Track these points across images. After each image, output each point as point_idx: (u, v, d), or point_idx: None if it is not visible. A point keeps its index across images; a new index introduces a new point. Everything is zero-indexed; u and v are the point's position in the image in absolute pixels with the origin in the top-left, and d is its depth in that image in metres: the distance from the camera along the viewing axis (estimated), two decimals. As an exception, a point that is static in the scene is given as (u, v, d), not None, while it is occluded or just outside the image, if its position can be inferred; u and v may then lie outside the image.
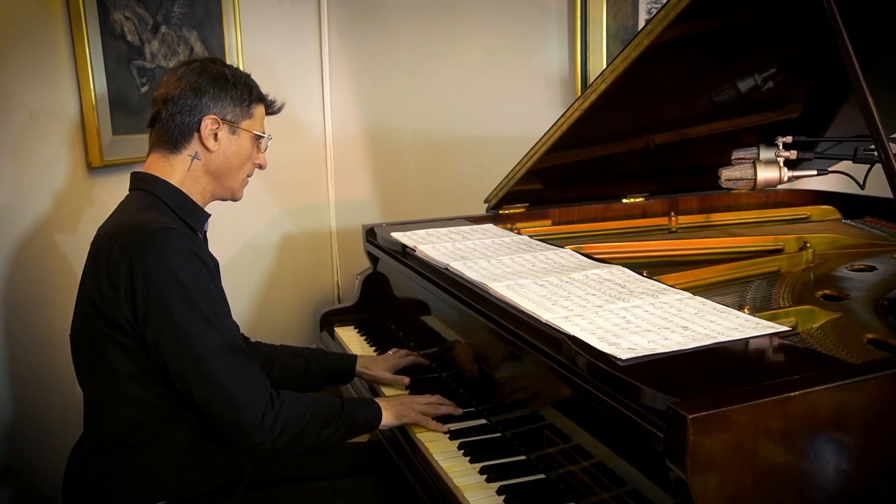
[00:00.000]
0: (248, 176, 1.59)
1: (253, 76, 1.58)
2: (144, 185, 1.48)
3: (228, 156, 1.51)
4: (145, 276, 1.31)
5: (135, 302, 1.32)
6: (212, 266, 1.43)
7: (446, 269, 1.68)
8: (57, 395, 1.97)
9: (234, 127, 1.51)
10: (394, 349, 1.93)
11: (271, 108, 1.61)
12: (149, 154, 1.52)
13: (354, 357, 1.87)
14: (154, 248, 1.32)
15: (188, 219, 1.48)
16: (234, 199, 1.60)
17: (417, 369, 1.86)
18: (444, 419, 1.57)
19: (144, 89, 2.32)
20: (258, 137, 1.56)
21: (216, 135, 1.49)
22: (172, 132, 1.47)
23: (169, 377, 1.37)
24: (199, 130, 1.47)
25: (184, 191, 1.49)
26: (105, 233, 1.40)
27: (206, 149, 1.49)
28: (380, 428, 1.55)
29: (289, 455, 1.75)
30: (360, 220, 2.45)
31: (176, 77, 1.49)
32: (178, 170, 1.49)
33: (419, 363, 1.88)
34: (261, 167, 1.60)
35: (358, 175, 3.46)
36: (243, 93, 1.52)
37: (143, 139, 2.30)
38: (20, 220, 1.89)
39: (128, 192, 1.52)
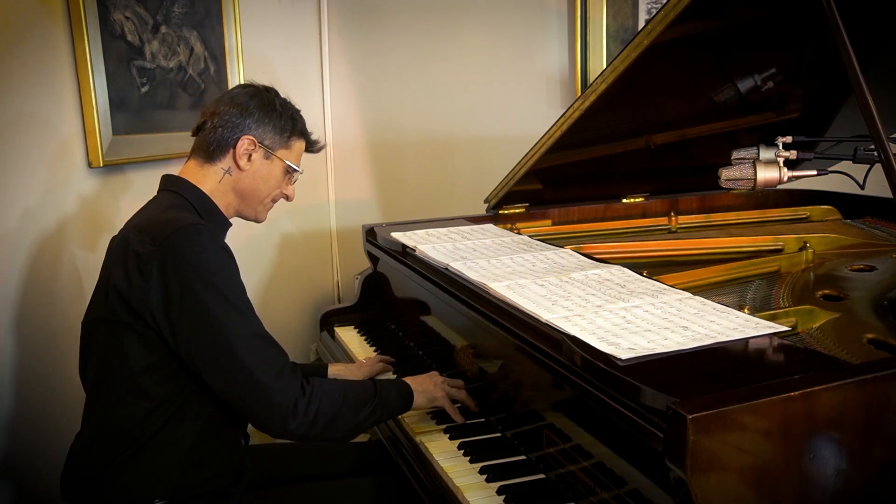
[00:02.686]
0: (273, 201, 1.64)
1: (253, 76, 1.60)
2: (174, 187, 1.54)
3: (257, 179, 1.57)
4: (178, 267, 1.35)
5: (167, 293, 1.35)
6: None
7: (446, 269, 1.68)
8: (59, 392, 1.97)
9: (269, 153, 1.56)
10: (366, 357, 1.96)
11: (311, 147, 1.67)
12: (188, 159, 1.58)
13: (325, 366, 1.89)
14: (186, 241, 1.37)
15: (212, 224, 1.52)
16: (257, 221, 1.65)
17: (420, 370, 1.86)
18: (447, 417, 1.57)
19: (144, 89, 2.32)
20: (291, 170, 1.61)
21: (250, 155, 1.54)
22: (211, 143, 1.53)
23: (184, 371, 1.39)
24: (234, 147, 1.53)
25: (212, 199, 1.55)
26: (135, 226, 1.44)
27: (238, 167, 1.54)
28: (412, 409, 1.56)
29: (289, 455, 1.75)
30: (360, 220, 2.46)
31: (230, 95, 1.57)
32: (210, 179, 1.55)
33: (387, 360, 1.92)
34: (287, 198, 1.65)
35: (358, 175, 3.46)
36: (286, 124, 1.58)
37: (144, 139, 2.31)
38: (19, 220, 1.89)
39: (156, 193, 1.57)
